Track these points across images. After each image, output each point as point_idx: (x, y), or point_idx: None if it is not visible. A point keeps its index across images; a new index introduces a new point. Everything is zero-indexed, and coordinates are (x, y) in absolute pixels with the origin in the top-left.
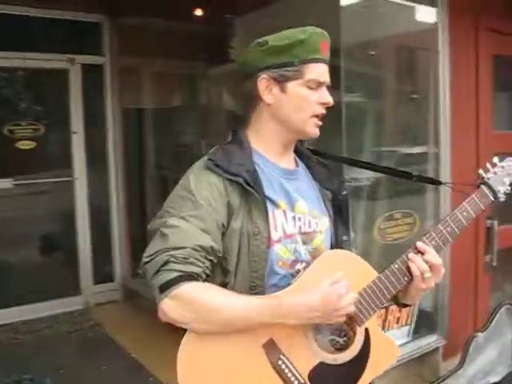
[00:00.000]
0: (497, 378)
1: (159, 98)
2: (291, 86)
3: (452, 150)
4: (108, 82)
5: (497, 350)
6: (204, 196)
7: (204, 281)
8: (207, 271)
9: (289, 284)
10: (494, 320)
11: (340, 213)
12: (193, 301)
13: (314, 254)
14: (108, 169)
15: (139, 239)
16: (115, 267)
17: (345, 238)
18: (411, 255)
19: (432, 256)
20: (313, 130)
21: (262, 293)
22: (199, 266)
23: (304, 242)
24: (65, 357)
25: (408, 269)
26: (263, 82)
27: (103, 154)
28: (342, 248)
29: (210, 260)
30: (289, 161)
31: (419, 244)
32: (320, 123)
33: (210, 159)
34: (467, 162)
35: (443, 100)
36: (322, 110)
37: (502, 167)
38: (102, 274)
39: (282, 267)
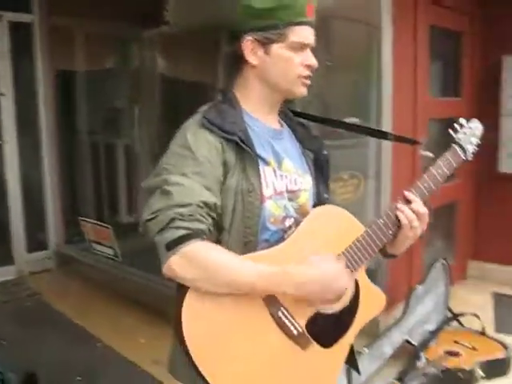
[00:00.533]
0: (432, 326)
1: (91, 61)
2: (275, 48)
3: (393, 115)
4: (37, 42)
5: (433, 301)
6: (203, 153)
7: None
8: (211, 228)
9: (282, 238)
10: (431, 274)
11: (321, 172)
12: (202, 259)
13: (300, 211)
14: (39, 132)
15: (72, 204)
16: (49, 234)
17: (326, 196)
18: (400, 205)
19: (418, 205)
20: (300, 89)
21: (255, 248)
22: (204, 223)
23: (290, 200)
24: (4, 327)
25: (395, 220)
26: (248, 44)
27: (34, 116)
28: (324, 204)
29: (213, 217)
30: (274, 121)
31: (407, 193)
32: (308, 82)
33: (204, 117)
34: (405, 126)
35: (386, 67)
36: (306, 72)
37: (470, 128)
38: (36, 242)
39: (274, 223)
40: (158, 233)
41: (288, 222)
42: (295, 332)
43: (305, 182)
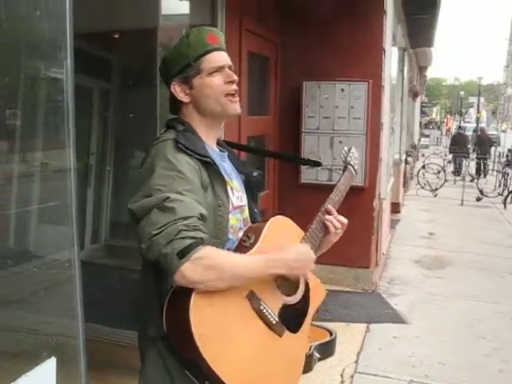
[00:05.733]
0: None
1: None
2: (195, 81)
3: (224, 134)
4: None
5: None
6: (189, 173)
7: None
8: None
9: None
10: None
11: (251, 191)
12: (213, 261)
13: (244, 223)
14: None
15: None
16: None
17: (256, 210)
18: (328, 217)
19: (338, 216)
20: (231, 107)
21: None
22: (203, 232)
23: (240, 213)
24: None
25: (323, 227)
26: (176, 88)
27: None
28: (255, 217)
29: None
30: (214, 145)
31: (329, 207)
32: (236, 99)
33: (179, 142)
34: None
35: None
36: (231, 87)
37: (352, 153)
38: None
39: (233, 234)
40: (166, 245)
41: (240, 233)
42: (274, 322)
43: (244, 199)
